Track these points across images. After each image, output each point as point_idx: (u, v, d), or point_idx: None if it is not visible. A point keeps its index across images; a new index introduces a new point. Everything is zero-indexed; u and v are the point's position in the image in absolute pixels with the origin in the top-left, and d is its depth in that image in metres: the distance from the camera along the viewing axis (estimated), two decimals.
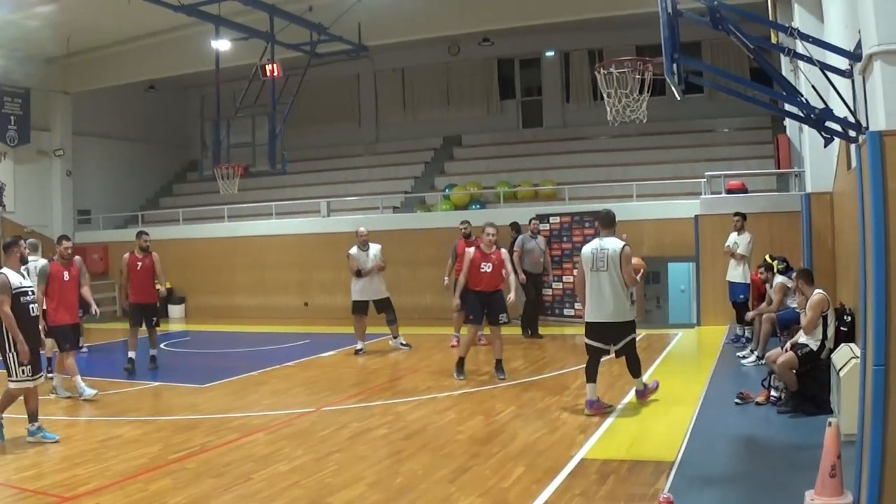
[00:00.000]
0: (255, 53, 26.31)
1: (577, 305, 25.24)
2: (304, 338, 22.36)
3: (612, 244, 13.45)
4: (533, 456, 10.84)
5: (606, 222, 13.79)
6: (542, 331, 22.42)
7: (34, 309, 12.57)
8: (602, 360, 13.88)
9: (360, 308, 20.77)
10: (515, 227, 25.51)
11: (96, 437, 12.48)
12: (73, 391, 15.59)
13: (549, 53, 35.66)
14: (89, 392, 15.37)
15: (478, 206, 29.94)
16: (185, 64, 31.53)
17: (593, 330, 13.62)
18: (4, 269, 12.33)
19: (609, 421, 12.67)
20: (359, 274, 20.59)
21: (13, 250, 12.63)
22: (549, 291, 26.20)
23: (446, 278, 21.21)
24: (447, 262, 21.20)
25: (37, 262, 16.30)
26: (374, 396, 15.42)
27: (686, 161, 29.21)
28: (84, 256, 33.73)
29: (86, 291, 16.71)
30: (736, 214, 19.79)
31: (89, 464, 10.99)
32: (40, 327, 13.37)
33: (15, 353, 12.03)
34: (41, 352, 13.46)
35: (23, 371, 12.13)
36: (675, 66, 9.23)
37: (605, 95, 13.64)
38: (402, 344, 20.94)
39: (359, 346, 20.61)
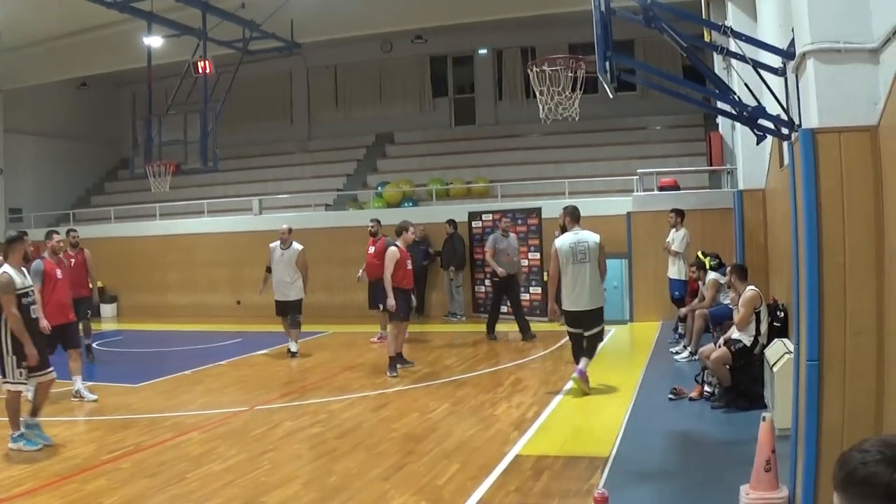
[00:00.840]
0: (187, 50, 26.11)
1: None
2: (236, 336, 22.30)
3: (591, 237, 14.32)
4: (467, 453, 10.84)
5: (577, 216, 14.56)
6: (476, 328, 22.38)
7: (34, 311, 12.02)
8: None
9: (280, 308, 20.39)
10: (452, 224, 25.64)
11: None
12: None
13: (482, 51, 35.75)
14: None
15: (410, 204, 29.91)
16: (118, 61, 31.24)
17: (573, 318, 14.32)
18: (6, 267, 11.73)
19: (543, 417, 12.71)
20: (268, 270, 20.41)
21: (17, 246, 12.02)
22: (483, 288, 26.24)
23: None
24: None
25: None
26: (307, 395, 15.36)
27: (619, 158, 29.36)
28: None
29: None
30: (672, 211, 19.87)
31: (23, 464, 10.87)
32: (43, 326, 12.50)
33: (15, 357, 11.47)
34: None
35: (20, 373, 11.56)
36: (607, 63, 9.25)
37: (537, 93, 13.68)
38: (291, 351, 20.10)
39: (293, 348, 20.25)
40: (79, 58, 31.86)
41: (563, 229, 14.85)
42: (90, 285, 19.29)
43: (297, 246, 20.28)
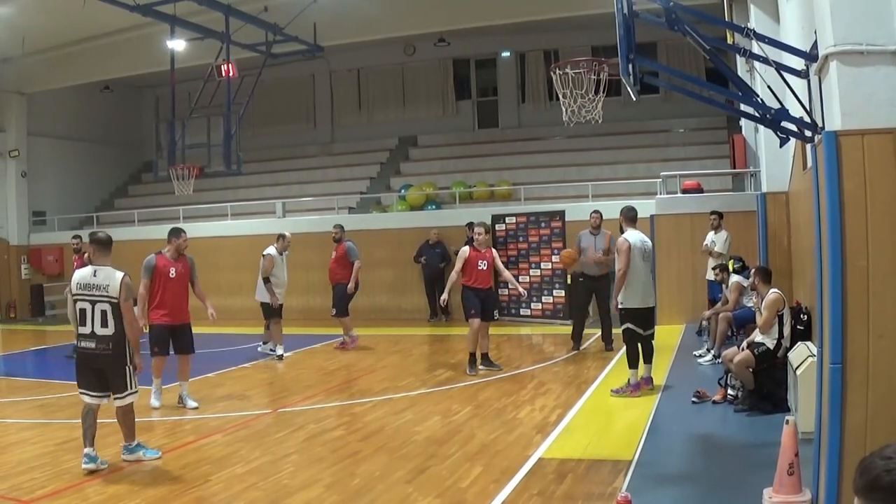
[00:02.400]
0: (210, 53, 26.20)
1: (533, 305, 25.26)
2: (259, 339, 22.27)
3: (648, 239, 14.84)
4: (490, 456, 10.85)
5: (632, 218, 14.82)
6: (499, 330, 22.18)
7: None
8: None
9: (273, 312, 20.47)
10: (471, 227, 25.59)
11: (53, 439, 12.34)
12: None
13: (505, 54, 35.69)
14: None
15: (433, 207, 29.90)
16: (141, 64, 31.30)
17: (643, 316, 14.44)
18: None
19: (566, 421, 12.69)
20: (267, 280, 20.26)
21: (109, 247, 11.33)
22: (506, 291, 26.19)
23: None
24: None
25: None
26: (330, 397, 15.40)
27: (641, 161, 29.31)
28: (39, 258, 33.58)
29: (199, 291, 15.36)
30: (713, 213, 19.84)
31: (46, 467, 10.88)
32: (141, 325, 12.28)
33: (132, 367, 10.91)
34: None
35: (137, 381, 11.07)
36: (630, 66, 9.25)
37: (560, 96, 13.64)
38: (270, 350, 20.65)
39: (279, 351, 20.34)
40: (102, 61, 31.97)
41: (622, 230, 14.91)
42: None
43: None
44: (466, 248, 17.39)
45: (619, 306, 14.39)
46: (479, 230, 17.68)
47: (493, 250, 17.69)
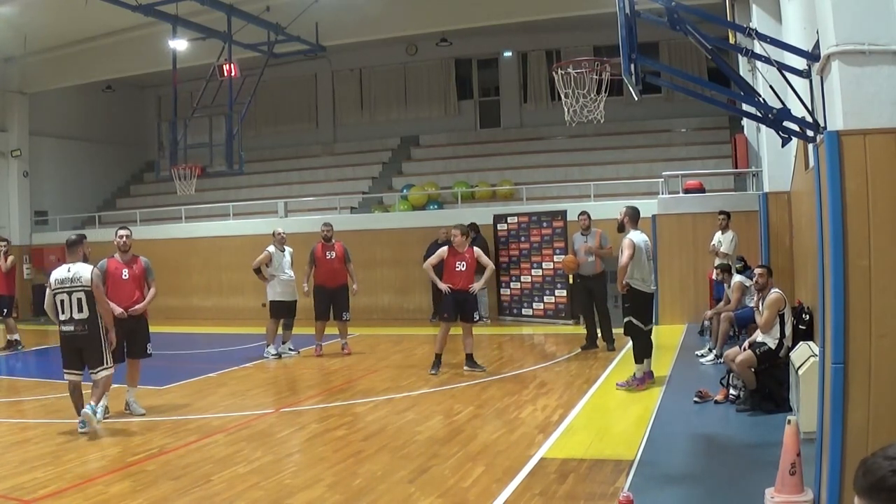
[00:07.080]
0: (212, 53, 26.21)
1: (535, 305, 25.26)
2: (261, 339, 22.26)
3: (647, 238, 15.11)
4: (492, 456, 10.83)
5: (636, 218, 15.14)
6: (501, 330, 22.18)
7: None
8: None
9: (287, 309, 20.52)
10: (474, 228, 25.55)
11: (55, 439, 12.32)
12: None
13: (507, 54, 35.69)
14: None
15: (435, 207, 29.92)
16: (143, 64, 31.36)
17: (641, 306, 14.93)
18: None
19: (568, 420, 12.67)
20: (259, 272, 20.35)
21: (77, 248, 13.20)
22: (507, 291, 26.21)
23: (305, 285, 20.43)
24: (305, 269, 20.53)
25: None
26: (332, 397, 15.37)
27: (643, 161, 29.30)
28: (42, 257, 33.54)
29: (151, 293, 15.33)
30: (720, 213, 19.82)
31: (48, 466, 10.85)
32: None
33: (108, 342, 13.10)
34: None
35: (111, 358, 13.23)
36: (632, 66, 9.25)
37: (562, 96, 13.60)
38: (290, 349, 20.67)
39: (273, 351, 20.38)
40: (104, 61, 31.99)
41: (621, 228, 14.98)
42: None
43: (289, 248, 20.78)
44: (445, 248, 17.35)
45: (626, 286, 14.51)
46: (454, 232, 17.47)
47: (475, 248, 17.49)
